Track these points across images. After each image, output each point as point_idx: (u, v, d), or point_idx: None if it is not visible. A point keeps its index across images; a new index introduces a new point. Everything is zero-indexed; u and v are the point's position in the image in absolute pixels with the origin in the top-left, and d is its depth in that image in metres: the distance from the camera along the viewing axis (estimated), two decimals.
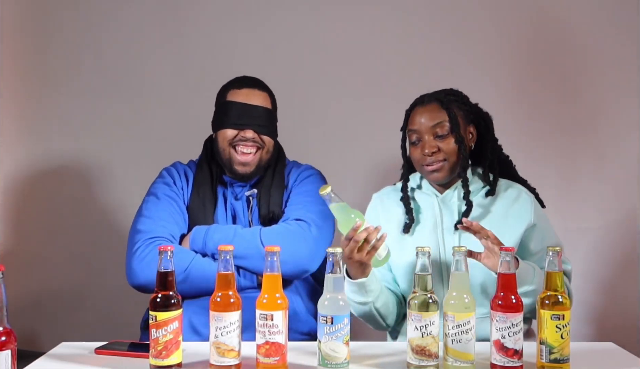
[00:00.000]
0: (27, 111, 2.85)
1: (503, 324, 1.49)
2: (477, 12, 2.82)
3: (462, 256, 1.53)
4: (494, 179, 2.00)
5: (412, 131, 1.98)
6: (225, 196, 2.17)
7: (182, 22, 2.83)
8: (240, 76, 2.20)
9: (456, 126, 1.94)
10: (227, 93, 2.16)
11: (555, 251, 1.53)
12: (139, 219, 2.08)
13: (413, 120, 1.98)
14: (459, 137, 1.94)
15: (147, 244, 2.00)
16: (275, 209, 2.13)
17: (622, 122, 2.80)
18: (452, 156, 1.95)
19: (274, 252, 1.52)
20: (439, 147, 1.94)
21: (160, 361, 1.51)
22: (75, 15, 2.84)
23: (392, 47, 2.82)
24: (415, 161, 2.00)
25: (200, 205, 2.13)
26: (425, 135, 1.95)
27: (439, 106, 1.96)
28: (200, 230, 2.06)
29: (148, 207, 2.10)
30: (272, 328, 1.49)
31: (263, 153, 2.14)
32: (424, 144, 1.95)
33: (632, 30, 2.78)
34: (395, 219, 2.02)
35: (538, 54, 2.82)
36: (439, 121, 1.94)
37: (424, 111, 1.97)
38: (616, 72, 2.80)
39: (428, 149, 1.94)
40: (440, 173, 1.96)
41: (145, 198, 2.15)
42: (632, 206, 2.79)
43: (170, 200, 2.12)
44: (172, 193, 2.14)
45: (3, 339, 1.36)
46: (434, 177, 1.97)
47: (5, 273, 1.37)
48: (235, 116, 2.11)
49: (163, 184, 2.17)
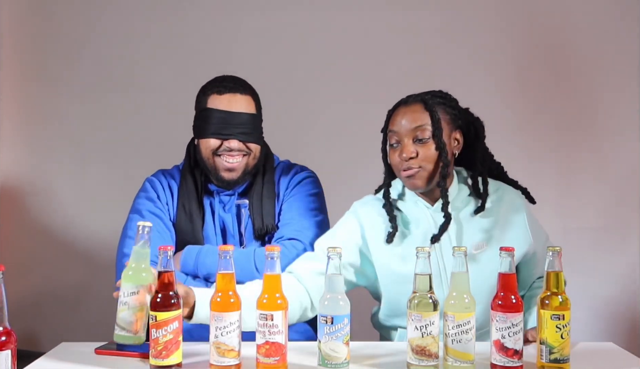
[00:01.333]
0: (27, 111, 2.85)
1: (503, 324, 1.49)
2: (478, 12, 2.82)
3: (462, 256, 1.53)
4: (483, 193, 1.86)
5: (391, 132, 1.85)
6: (212, 208, 2.07)
7: (182, 22, 2.84)
8: (220, 76, 2.07)
9: (438, 131, 1.80)
10: (208, 99, 2.02)
11: (556, 250, 1.53)
12: (124, 241, 1.98)
13: (394, 120, 1.85)
14: (440, 143, 1.80)
15: None
16: (269, 223, 2.03)
17: (623, 122, 2.80)
18: (429, 163, 1.81)
19: (274, 252, 1.52)
20: (418, 152, 1.81)
21: (160, 361, 1.50)
22: (75, 15, 2.84)
23: (391, 47, 2.82)
24: (394, 165, 1.86)
25: (187, 221, 2.03)
26: (405, 138, 1.81)
27: (422, 107, 1.83)
28: (191, 251, 1.97)
29: (132, 228, 1.93)
30: (272, 328, 1.48)
31: (249, 159, 2.03)
32: (403, 148, 1.81)
33: (632, 30, 2.79)
34: (379, 229, 1.88)
35: (539, 54, 2.82)
36: (420, 124, 1.81)
37: (406, 112, 1.83)
38: (617, 72, 2.80)
39: (406, 154, 1.80)
40: (417, 181, 1.82)
41: (129, 216, 2.04)
42: (632, 205, 2.79)
43: (155, 218, 2.00)
44: (157, 209, 2.03)
45: (3, 339, 1.36)
46: (411, 184, 1.84)
47: (5, 273, 1.37)
48: (218, 125, 1.98)
49: (147, 199, 2.05)
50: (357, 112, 2.81)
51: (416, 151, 1.81)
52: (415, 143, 1.81)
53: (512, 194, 1.92)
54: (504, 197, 1.90)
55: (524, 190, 1.96)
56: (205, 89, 2.06)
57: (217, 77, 2.08)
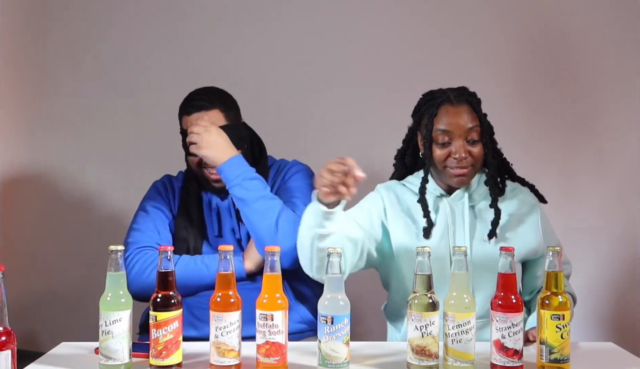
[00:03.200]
0: (26, 111, 2.85)
1: (503, 324, 1.49)
2: (480, 12, 2.82)
3: (462, 256, 1.53)
4: (502, 182, 1.96)
5: (440, 130, 1.88)
6: (210, 202, 2.15)
7: (181, 22, 2.83)
8: (192, 92, 2.14)
9: (486, 132, 1.90)
10: (182, 120, 2.12)
11: (556, 251, 1.53)
12: (128, 233, 2.12)
13: (442, 119, 1.89)
14: (489, 144, 1.90)
15: (136, 253, 2.03)
16: None
17: (623, 122, 2.80)
18: (478, 162, 1.91)
19: (274, 252, 1.52)
20: (470, 152, 1.88)
21: (160, 361, 1.51)
22: (75, 16, 2.84)
23: (392, 47, 2.82)
24: (438, 161, 1.90)
25: (186, 212, 2.14)
26: (458, 139, 1.87)
27: (469, 108, 1.89)
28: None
29: (137, 221, 2.13)
30: (272, 328, 1.49)
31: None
32: (456, 148, 1.87)
33: (633, 30, 2.79)
34: (403, 217, 1.95)
35: (540, 54, 2.81)
36: (472, 125, 1.88)
37: (455, 112, 1.88)
38: (617, 71, 2.80)
39: (459, 154, 1.86)
40: (467, 178, 1.90)
41: (135, 212, 2.18)
42: (633, 205, 2.79)
43: (158, 212, 2.14)
44: (160, 205, 2.16)
45: (3, 339, 1.36)
46: (458, 181, 1.91)
47: (5, 273, 1.37)
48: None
49: (152, 196, 2.19)
50: (354, 112, 2.80)
51: (469, 151, 1.88)
52: (467, 143, 1.88)
53: (527, 194, 2.01)
54: (519, 195, 2.00)
55: (532, 187, 2.03)
56: (180, 110, 2.14)
57: (190, 93, 2.15)
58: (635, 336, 2.65)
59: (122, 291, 1.53)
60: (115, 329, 1.49)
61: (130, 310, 1.52)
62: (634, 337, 2.64)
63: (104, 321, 1.50)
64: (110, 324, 1.49)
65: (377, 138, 2.60)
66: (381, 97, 2.78)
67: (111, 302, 1.51)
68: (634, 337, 2.64)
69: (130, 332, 1.52)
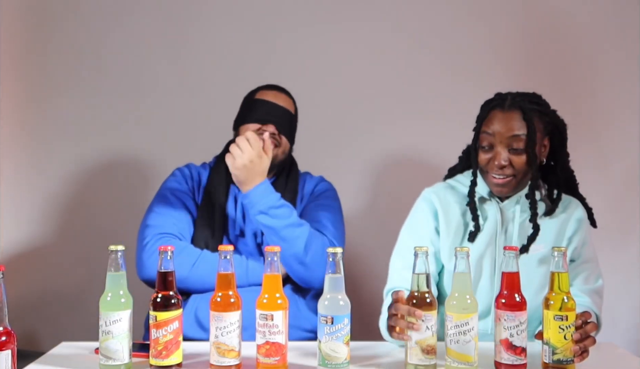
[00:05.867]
0: (27, 113, 2.85)
1: (512, 323, 1.49)
2: (480, 15, 2.81)
3: (464, 257, 1.52)
4: (557, 199, 1.88)
5: (485, 133, 1.83)
6: (236, 197, 2.14)
7: (183, 25, 2.83)
8: (270, 84, 2.25)
9: (532, 143, 1.78)
10: (256, 93, 2.20)
11: (561, 251, 1.52)
12: (148, 215, 2.09)
13: (489, 123, 1.82)
14: (532, 156, 1.79)
15: (157, 238, 2.01)
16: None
17: (624, 122, 2.80)
18: (520, 173, 1.81)
19: (274, 252, 1.52)
20: (511, 161, 1.80)
21: (160, 361, 1.50)
22: (76, 18, 2.83)
23: (392, 49, 2.82)
24: (481, 165, 1.86)
25: (210, 204, 2.13)
26: (499, 145, 1.80)
27: (520, 116, 1.79)
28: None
29: (158, 204, 2.11)
30: (272, 328, 1.48)
31: (279, 151, 2.13)
32: (496, 155, 1.81)
33: (633, 31, 2.79)
34: (454, 220, 1.89)
35: (540, 56, 2.81)
36: (516, 134, 1.79)
37: (503, 118, 1.80)
38: (618, 72, 2.80)
39: (498, 162, 1.79)
40: (506, 188, 1.83)
41: (156, 195, 2.16)
42: (633, 206, 2.79)
43: (180, 199, 2.13)
44: (183, 192, 2.15)
45: (3, 339, 1.36)
46: (499, 191, 1.85)
47: (5, 273, 1.37)
48: (260, 112, 2.14)
49: (175, 182, 2.18)
50: (355, 114, 2.80)
51: (509, 160, 1.80)
52: (509, 152, 1.80)
53: (578, 208, 1.93)
54: (569, 207, 1.91)
55: (589, 210, 1.96)
56: (254, 89, 2.23)
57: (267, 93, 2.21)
58: (635, 336, 2.65)
59: (122, 291, 1.52)
60: (115, 330, 1.49)
61: (130, 310, 1.52)
62: (634, 337, 2.64)
63: (104, 321, 1.50)
64: (110, 325, 1.49)
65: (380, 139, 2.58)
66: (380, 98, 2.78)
67: (111, 302, 1.51)
68: (634, 337, 2.64)
69: (130, 332, 1.52)
